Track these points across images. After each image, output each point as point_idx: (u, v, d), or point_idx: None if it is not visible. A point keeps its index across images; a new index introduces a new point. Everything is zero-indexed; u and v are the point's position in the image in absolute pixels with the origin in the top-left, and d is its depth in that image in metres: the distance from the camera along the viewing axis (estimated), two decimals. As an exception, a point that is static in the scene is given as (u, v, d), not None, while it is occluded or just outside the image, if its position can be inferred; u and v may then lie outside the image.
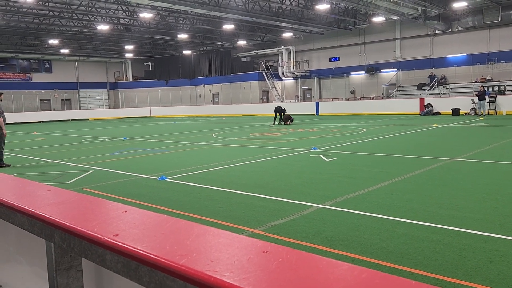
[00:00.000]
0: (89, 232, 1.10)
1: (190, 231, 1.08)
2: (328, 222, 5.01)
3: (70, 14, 29.51)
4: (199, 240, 1.00)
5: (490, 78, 29.42)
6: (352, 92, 37.36)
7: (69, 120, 40.14)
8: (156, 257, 0.91)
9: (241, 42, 39.81)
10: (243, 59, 44.92)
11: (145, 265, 0.93)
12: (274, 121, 22.96)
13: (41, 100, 43.54)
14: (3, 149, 10.58)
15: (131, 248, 0.96)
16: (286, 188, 6.95)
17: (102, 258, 1.07)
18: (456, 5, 26.43)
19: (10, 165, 10.63)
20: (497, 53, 29.53)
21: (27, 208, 1.37)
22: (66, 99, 45.40)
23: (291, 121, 22.97)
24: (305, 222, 5.04)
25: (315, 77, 39.73)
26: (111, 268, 1.05)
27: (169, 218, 1.19)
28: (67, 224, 1.19)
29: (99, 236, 1.06)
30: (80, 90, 46.87)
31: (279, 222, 5.07)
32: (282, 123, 22.72)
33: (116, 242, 1.00)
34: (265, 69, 40.98)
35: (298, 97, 41.06)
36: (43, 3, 25.56)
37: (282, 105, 25.59)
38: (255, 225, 4.97)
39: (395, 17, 29.83)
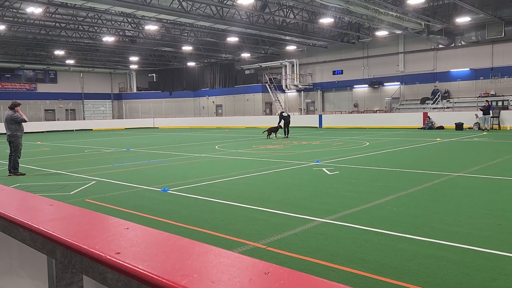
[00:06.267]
0: (91, 249, 1.10)
1: (192, 250, 1.07)
2: (331, 237, 4.97)
3: (76, 26, 29.88)
4: (200, 259, 1.00)
5: (493, 93, 29.42)
6: (355, 105, 37.42)
7: (73, 130, 40.32)
8: (157, 277, 0.90)
9: (245, 55, 40.10)
10: (247, 72, 45.19)
11: (146, 284, 0.93)
12: (276, 134, 22.73)
13: (45, 110, 43.83)
14: (19, 158, 10.73)
15: (132, 267, 0.96)
16: (288, 202, 6.93)
17: (103, 276, 1.06)
18: (459, 20, 26.57)
19: (25, 174, 10.74)
20: (500, 68, 29.59)
21: (29, 223, 1.37)
22: (70, 109, 45.68)
23: (276, 133, 22.50)
24: (307, 237, 5.00)
25: (319, 90, 39.86)
26: (112, 286, 1.04)
27: (171, 236, 1.18)
28: (69, 240, 1.18)
29: (101, 254, 1.06)
30: (85, 100, 47.19)
31: (281, 236, 5.04)
32: (274, 134, 22.35)
33: (118, 261, 1.00)
34: (269, 82, 41.18)
35: (301, 109, 41.16)
36: (50, 14, 25.89)
37: (286, 114, 23.90)
38: (257, 239, 4.95)
39: (398, 32, 30.01)
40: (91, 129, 41.36)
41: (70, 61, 41.49)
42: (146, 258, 1.01)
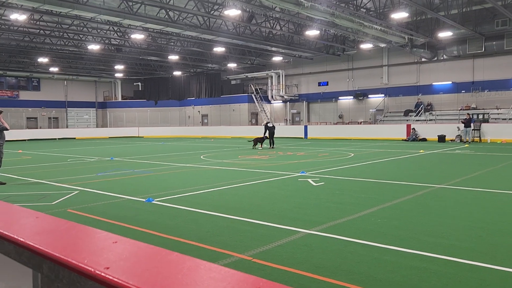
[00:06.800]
0: (80, 264, 1.09)
1: (181, 265, 1.07)
2: (316, 249, 4.99)
3: (61, 33, 29.62)
4: (191, 274, 1.00)
5: (474, 106, 30.11)
6: (340, 117, 37.81)
7: (56, 138, 39.71)
8: (148, 293, 0.90)
9: (231, 65, 40.26)
10: (233, 82, 45.33)
11: (137, 300, 0.93)
12: (261, 144, 22.78)
13: (28, 118, 43.12)
14: (0, 167, 10.51)
15: (123, 282, 0.96)
16: (274, 213, 6.93)
17: (91, 291, 1.06)
18: (441, 35, 27.22)
19: (5, 183, 10.49)
20: (481, 82, 30.34)
21: (15, 236, 1.35)
22: (53, 118, 45.02)
23: (262, 143, 22.55)
24: (293, 248, 5.01)
25: (304, 101, 40.19)
26: (101, 301, 1.03)
27: (161, 250, 1.18)
28: (56, 254, 1.17)
29: (90, 268, 1.05)
30: (68, 108, 46.59)
31: (266, 247, 5.03)
32: (260, 145, 22.43)
33: (107, 276, 1.00)
34: (255, 92, 41.37)
35: (286, 120, 41.39)
36: (34, 21, 25.64)
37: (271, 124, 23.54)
38: (242, 250, 4.93)
39: (382, 45, 30.57)
40: (74, 138, 40.79)
41: (54, 69, 40.99)
42: (136, 273, 1.01)
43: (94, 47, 31.82)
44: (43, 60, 36.58)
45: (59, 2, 19.33)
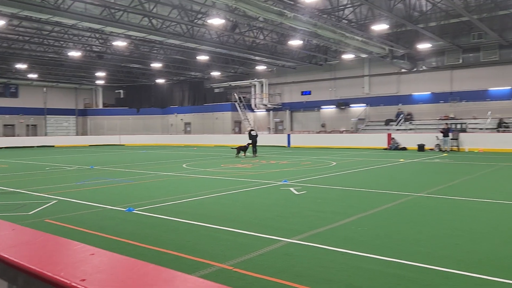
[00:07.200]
0: (55, 276, 1.09)
1: (157, 276, 1.09)
2: (297, 257, 5.02)
3: (41, 40, 29.16)
4: (166, 286, 1.02)
5: (453, 116, 30.82)
6: (323, 126, 38.16)
7: (34, 146, 38.92)
8: (123, 305, 0.91)
9: (215, 73, 40.30)
10: (216, 90, 45.33)
11: (112, 312, 0.93)
12: (245, 153, 22.80)
13: (4, 125, 42.18)
14: None
15: (98, 294, 0.97)
16: (255, 222, 6.94)
17: (67, 303, 1.06)
18: (420, 47, 27.86)
19: None
20: (459, 92, 31.11)
21: (-11, 248, 1.34)
22: (31, 125, 44.13)
23: (245, 152, 22.61)
24: (273, 257, 5.03)
25: (287, 110, 40.46)
26: (76, 314, 1.04)
27: (137, 262, 1.19)
28: (32, 267, 1.17)
29: (66, 281, 1.05)
30: (47, 116, 45.75)
31: (247, 257, 5.04)
32: (243, 153, 22.48)
33: (83, 288, 1.00)
34: (238, 101, 41.46)
35: (270, 129, 41.54)
36: (13, 27, 25.21)
37: (255, 133, 23.63)
38: (223, 260, 4.92)
39: (364, 55, 31.09)
40: (53, 146, 40.06)
41: (33, 75, 40.27)
42: (113, 285, 1.02)
43: (75, 53, 31.41)
44: (21, 66, 35.89)
45: (39, 8, 19.07)
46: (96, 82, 45.98)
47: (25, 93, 44.25)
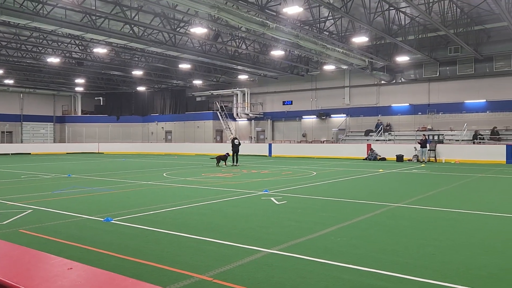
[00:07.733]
0: (32, 292, 1.08)
1: (136, 291, 1.09)
2: (277, 268, 5.02)
3: (19, 45, 28.61)
4: (145, 301, 1.02)
5: (430, 127, 31.52)
6: (304, 135, 38.46)
7: (9, 154, 37.95)
8: (101, 321, 0.91)
9: (197, 82, 40.25)
10: (198, 99, 45.25)
11: (89, 328, 0.93)
12: (225, 162, 22.73)
13: (-21, 131, 41.10)
14: None
15: (76, 310, 0.96)
16: (236, 232, 6.92)
17: (43, 320, 1.05)
18: (399, 59, 28.51)
19: None
20: (436, 104, 31.89)
21: (-37, 263, 1.32)
22: (7, 132, 43.07)
23: (226, 161, 22.53)
24: (253, 268, 5.02)
25: (269, 119, 40.67)
26: (53, 330, 1.03)
27: (116, 276, 1.19)
28: (8, 282, 1.15)
29: (42, 296, 1.04)
30: (24, 122, 44.77)
31: (228, 267, 5.02)
32: (224, 163, 22.41)
33: (60, 304, 0.99)
34: (220, 109, 41.47)
35: (251, 138, 41.62)
36: (-9, 32, 24.71)
37: (238, 141, 23.43)
38: (204, 271, 4.89)
39: (344, 67, 31.59)
40: (30, 153, 39.16)
41: (9, 81, 39.41)
42: (90, 300, 1.02)
43: (53, 60, 30.93)
44: (-2, 71, 35.15)
45: (18, 13, 18.75)
46: (75, 89, 45.32)
47: (1, 99, 43.24)
